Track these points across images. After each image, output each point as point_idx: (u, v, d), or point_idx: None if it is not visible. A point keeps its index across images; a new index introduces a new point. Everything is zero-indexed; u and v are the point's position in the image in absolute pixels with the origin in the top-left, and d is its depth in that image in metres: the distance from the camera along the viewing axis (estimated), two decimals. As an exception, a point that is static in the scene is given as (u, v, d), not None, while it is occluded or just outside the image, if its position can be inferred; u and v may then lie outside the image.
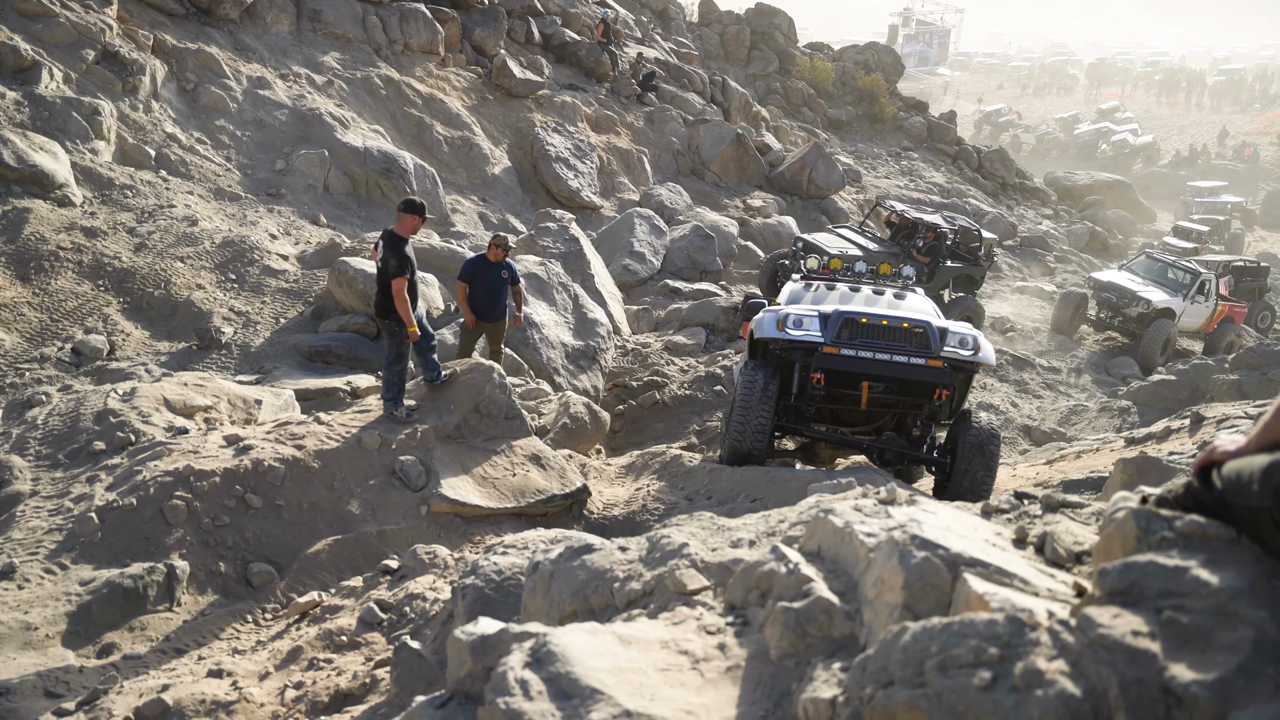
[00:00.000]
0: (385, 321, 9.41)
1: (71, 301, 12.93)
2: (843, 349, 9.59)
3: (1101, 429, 16.33)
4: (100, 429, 9.19)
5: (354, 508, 8.34)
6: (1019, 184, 40.26)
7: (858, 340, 9.65)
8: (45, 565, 7.20)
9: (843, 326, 9.73)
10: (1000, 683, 1.97)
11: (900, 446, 10.32)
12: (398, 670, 5.11)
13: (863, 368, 9.63)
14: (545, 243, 17.90)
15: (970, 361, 9.82)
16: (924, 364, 9.55)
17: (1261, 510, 2.04)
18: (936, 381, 9.67)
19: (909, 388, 9.78)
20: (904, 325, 9.74)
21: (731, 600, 3.20)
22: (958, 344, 9.75)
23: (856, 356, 9.59)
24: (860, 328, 9.75)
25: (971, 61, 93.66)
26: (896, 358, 9.57)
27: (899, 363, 9.57)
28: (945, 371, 9.61)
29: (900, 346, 9.62)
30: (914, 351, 9.58)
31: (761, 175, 29.30)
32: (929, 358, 9.56)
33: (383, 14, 24.23)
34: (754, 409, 9.68)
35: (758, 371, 9.86)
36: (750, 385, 9.76)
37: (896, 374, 9.64)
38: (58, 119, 15.53)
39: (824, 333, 9.72)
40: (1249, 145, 58.58)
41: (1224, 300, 23.98)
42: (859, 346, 9.60)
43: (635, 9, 36.49)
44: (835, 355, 9.61)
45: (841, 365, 9.63)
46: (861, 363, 9.61)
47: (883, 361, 9.61)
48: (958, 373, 9.90)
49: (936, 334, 9.69)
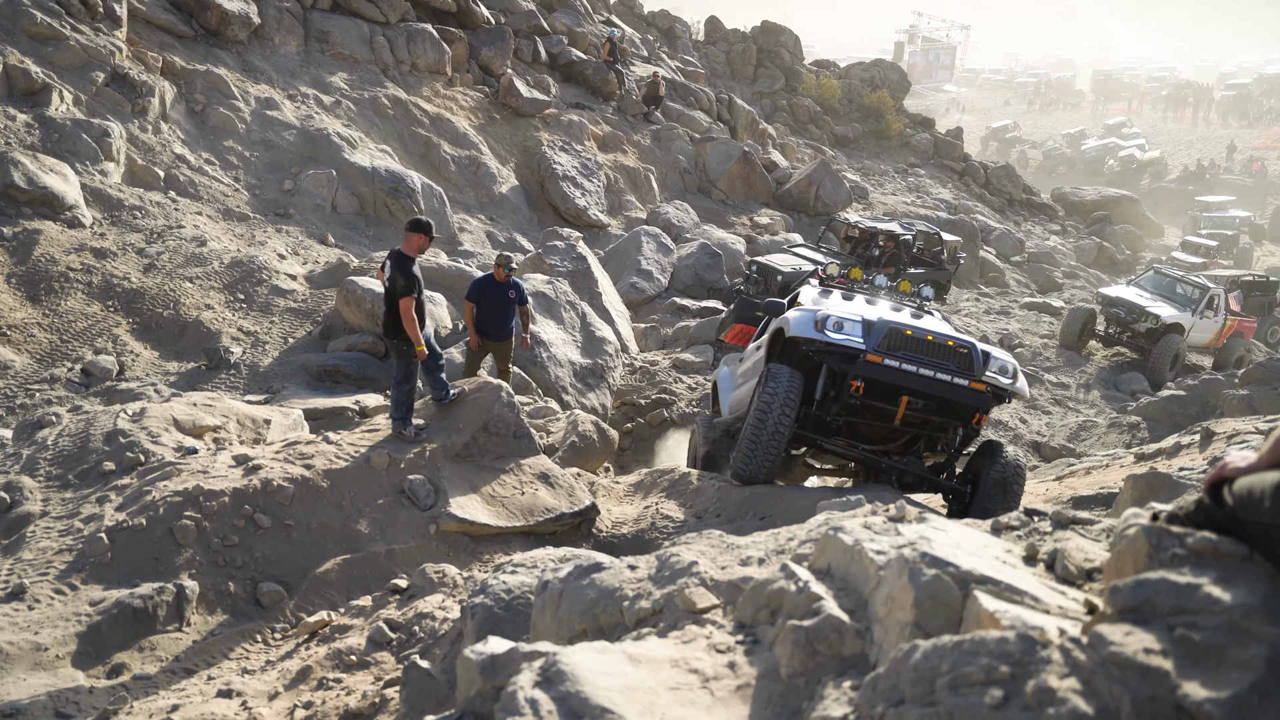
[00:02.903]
0: (393, 341, 9.42)
1: (81, 322, 12.98)
2: (886, 359, 9.10)
3: (1111, 445, 16.29)
4: (110, 449, 9.20)
5: (363, 527, 8.34)
6: (1026, 200, 40.26)
7: (899, 352, 9.16)
8: (55, 586, 7.21)
9: (886, 336, 9.24)
10: (1012, 701, 1.96)
11: (921, 470, 9.84)
12: (407, 690, 5.10)
13: (905, 381, 9.12)
14: (553, 261, 17.93)
15: (1008, 390, 9.42)
16: (967, 385, 9.11)
17: (1274, 527, 2.03)
18: (976, 405, 9.27)
19: (947, 408, 9.33)
20: (949, 344, 9.28)
21: (741, 619, 3.19)
22: (998, 370, 9.30)
23: (900, 369, 9.09)
24: (904, 339, 9.26)
25: (978, 78, 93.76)
26: (940, 375, 9.10)
27: (942, 381, 9.10)
28: (987, 396, 9.22)
29: (943, 365, 9.15)
30: (957, 371, 9.13)
31: (769, 192, 29.35)
32: (972, 380, 9.12)
33: (390, 34, 24.35)
34: (774, 415, 9.11)
35: (781, 375, 9.27)
36: (773, 389, 9.15)
37: (939, 392, 9.15)
38: (68, 141, 15.62)
39: (866, 340, 9.23)
40: (1257, 159, 58.48)
41: (1233, 315, 23.91)
42: (901, 359, 9.11)
43: (642, 28, 36.64)
44: (878, 365, 9.11)
45: (884, 376, 9.14)
46: (905, 376, 9.11)
47: (926, 378, 9.12)
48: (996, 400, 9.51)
49: (980, 356, 9.24)
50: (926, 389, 9.13)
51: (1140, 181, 54.90)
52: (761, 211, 28.23)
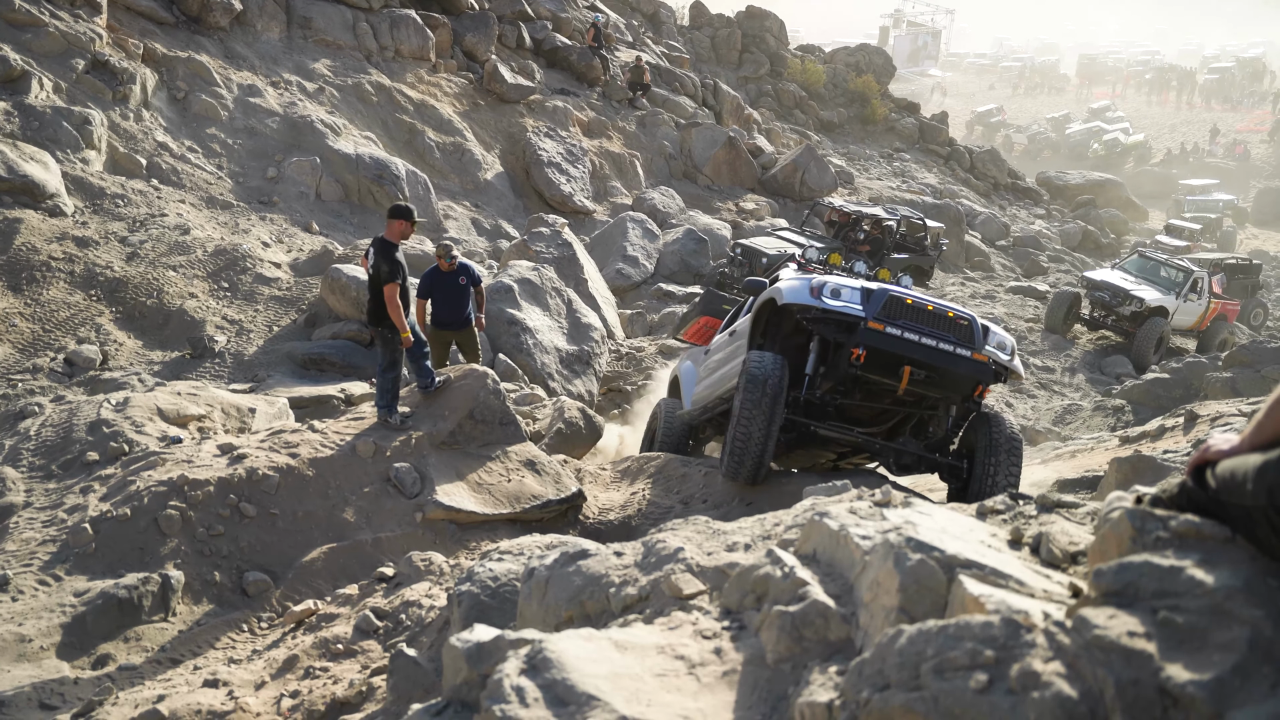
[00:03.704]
0: (378, 329, 9.39)
1: (64, 312, 12.91)
2: (888, 326, 8.63)
3: (1096, 428, 16.35)
4: (93, 439, 9.18)
5: (349, 515, 8.33)
6: (1011, 184, 40.32)
7: (900, 320, 8.72)
8: (39, 577, 7.18)
9: (886, 304, 8.79)
10: (996, 685, 1.96)
11: (919, 450, 9.36)
12: (394, 678, 5.10)
13: (909, 351, 8.65)
14: (538, 247, 17.90)
15: (1006, 367, 9.08)
16: (969, 356, 8.72)
17: (1256, 509, 2.04)
18: (979, 377, 8.89)
19: (949, 380, 8.93)
20: (949, 315, 8.91)
21: (727, 604, 3.19)
22: (997, 346, 9.00)
23: (903, 337, 8.63)
24: (904, 308, 8.82)
25: (963, 62, 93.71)
26: (942, 345, 8.68)
27: (945, 351, 8.67)
28: (989, 368, 8.84)
29: (944, 335, 8.74)
30: (958, 342, 8.74)
31: (754, 178, 29.32)
32: (974, 351, 8.76)
33: (373, 20, 24.22)
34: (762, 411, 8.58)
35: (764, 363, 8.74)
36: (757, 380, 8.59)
37: (943, 363, 8.70)
38: (48, 129, 15.51)
39: (865, 307, 8.77)
40: (1239, 143, 58.65)
41: (1217, 298, 24.01)
42: (903, 328, 8.67)
43: (626, 13, 36.50)
44: (881, 333, 8.63)
45: (887, 345, 8.64)
46: (908, 345, 8.65)
47: (929, 347, 8.67)
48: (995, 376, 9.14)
49: (980, 329, 8.89)
50: (930, 359, 8.70)
51: (1124, 165, 55.00)
52: (747, 197, 28.21)
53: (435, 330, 11.28)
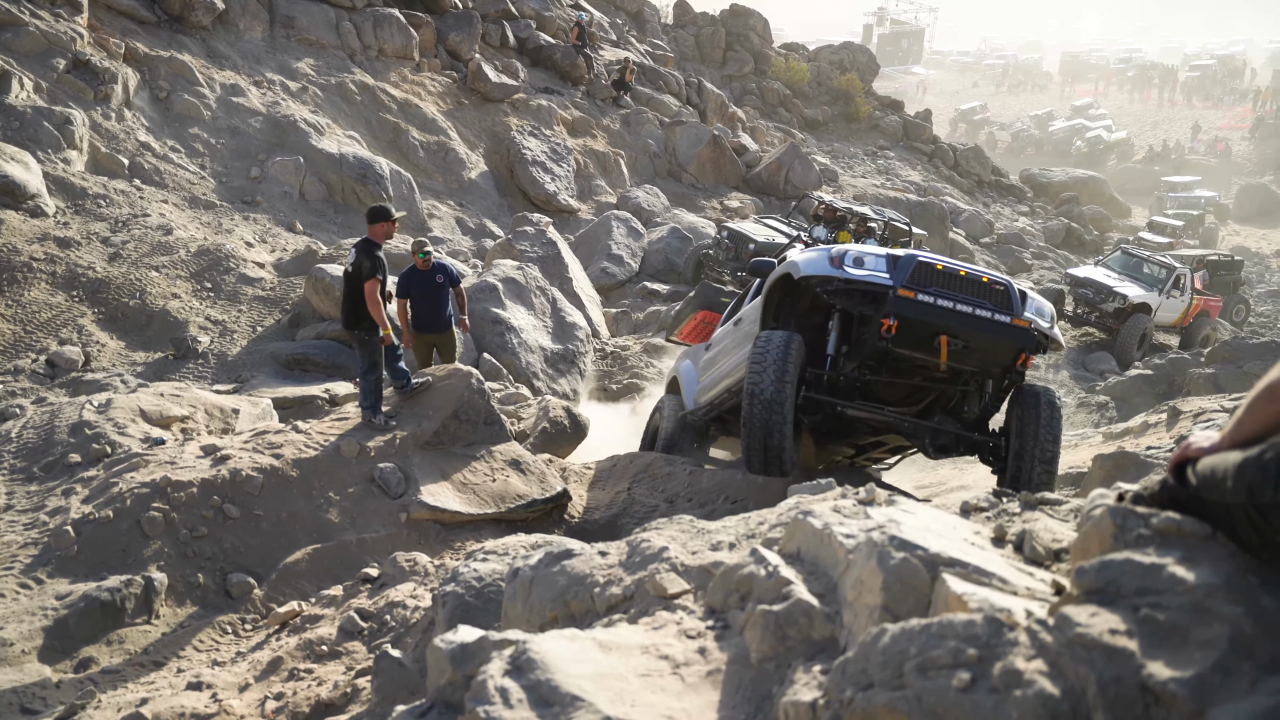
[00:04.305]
0: (355, 331, 9.31)
1: (45, 313, 12.84)
2: (919, 294, 7.93)
3: (1080, 424, 16.41)
4: (75, 441, 9.13)
5: (333, 516, 8.30)
6: (995, 181, 40.45)
7: (932, 288, 8.00)
8: (20, 580, 7.14)
9: (915, 270, 8.08)
10: (979, 683, 1.96)
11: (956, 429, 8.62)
12: (379, 679, 5.08)
13: (944, 319, 7.94)
14: (523, 246, 17.88)
15: (1046, 335, 8.35)
16: (1009, 323, 8.01)
17: (1236, 506, 2.04)
18: (1022, 345, 8.13)
19: (991, 349, 8.21)
20: (983, 280, 8.20)
21: (712, 603, 3.19)
22: (1036, 312, 8.29)
23: (937, 304, 7.93)
24: (935, 274, 8.10)
25: (946, 60, 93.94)
26: (980, 312, 7.96)
27: (983, 318, 7.96)
28: (1031, 335, 8.10)
29: (980, 301, 8.03)
30: (997, 308, 8.03)
31: (738, 176, 29.34)
32: (1014, 317, 8.05)
33: (356, 19, 24.15)
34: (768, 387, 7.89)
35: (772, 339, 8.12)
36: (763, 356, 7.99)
37: (984, 330, 7.99)
38: (29, 129, 15.42)
39: (893, 275, 8.07)
40: (1221, 140, 58.93)
41: (1199, 294, 24.15)
42: (938, 293, 7.97)
43: (610, 11, 36.48)
44: (912, 300, 7.92)
45: (920, 313, 7.93)
46: (944, 313, 7.94)
47: (966, 315, 7.95)
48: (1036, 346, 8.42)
49: (1017, 295, 8.18)
50: (969, 327, 7.99)
51: (1107, 162, 55.23)
52: (731, 195, 28.23)
53: (415, 333, 11.08)
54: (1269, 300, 31.08)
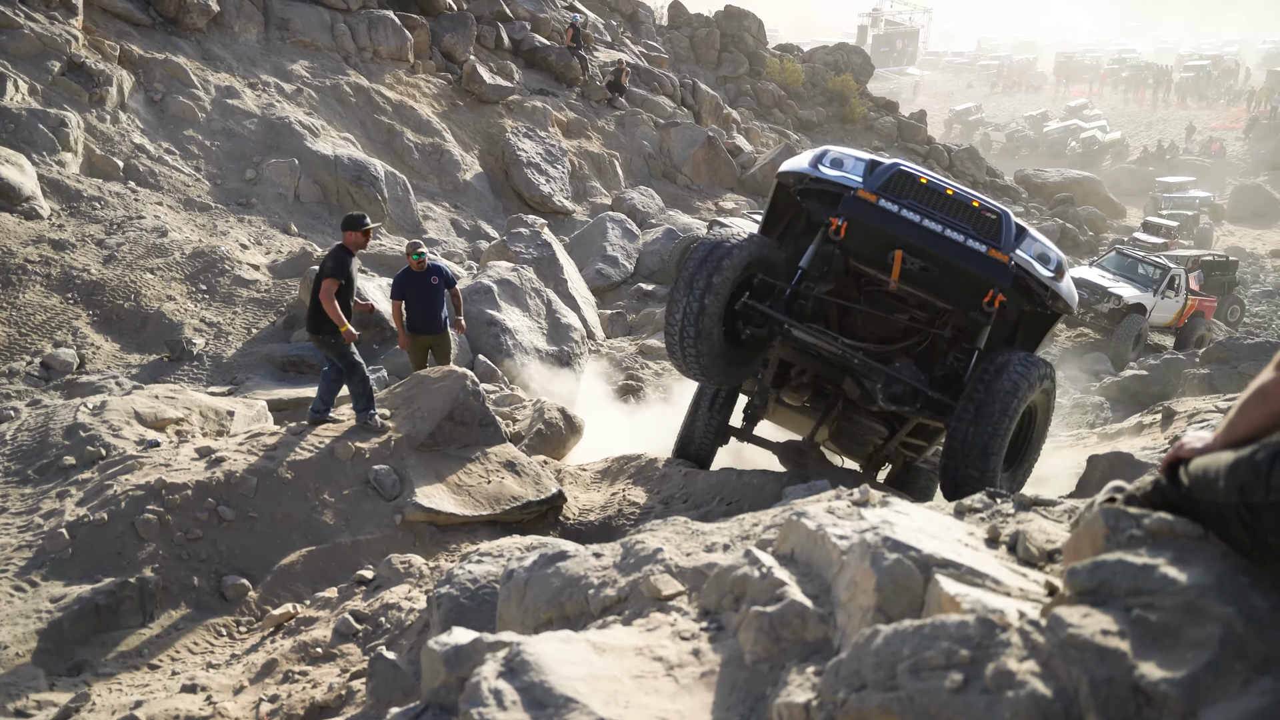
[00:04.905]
0: (319, 337, 9.27)
1: (40, 315, 12.82)
2: (883, 200, 7.25)
3: (1075, 425, 16.42)
4: (70, 443, 9.11)
5: (328, 518, 8.29)
6: (990, 182, 40.49)
7: (905, 199, 7.28)
8: (15, 583, 7.13)
9: (892, 179, 7.38)
10: (972, 684, 1.97)
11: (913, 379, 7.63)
12: (373, 682, 5.08)
13: (901, 230, 7.20)
14: (517, 248, 17.87)
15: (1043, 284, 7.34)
16: (983, 251, 7.14)
17: (1228, 507, 2.05)
18: (991, 279, 7.19)
19: (954, 279, 7.37)
20: (973, 204, 7.32)
21: (706, 605, 3.19)
22: (1036, 256, 7.34)
23: (897, 214, 7.20)
24: (915, 187, 7.35)
25: (941, 61, 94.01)
26: (950, 232, 7.16)
27: (949, 239, 7.15)
28: (1007, 270, 7.15)
29: (960, 225, 7.22)
30: (975, 235, 7.19)
31: (733, 177, 29.35)
32: (993, 248, 7.16)
33: (351, 21, 24.13)
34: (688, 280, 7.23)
35: (702, 244, 7.48)
36: (695, 251, 7.38)
37: (948, 253, 7.17)
38: (24, 131, 15.39)
39: (866, 180, 7.39)
40: (1215, 140, 58.98)
41: (1194, 295, 24.20)
42: (907, 205, 7.24)
43: (604, 13, 36.49)
44: (870, 204, 7.24)
45: (873, 218, 7.25)
46: (901, 224, 7.19)
47: (930, 231, 7.16)
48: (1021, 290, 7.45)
49: (1012, 229, 7.25)
50: (929, 245, 7.19)
51: (1102, 163, 55.30)
52: (726, 196, 28.23)
53: (410, 335, 11.12)
54: (1263, 300, 31.13)
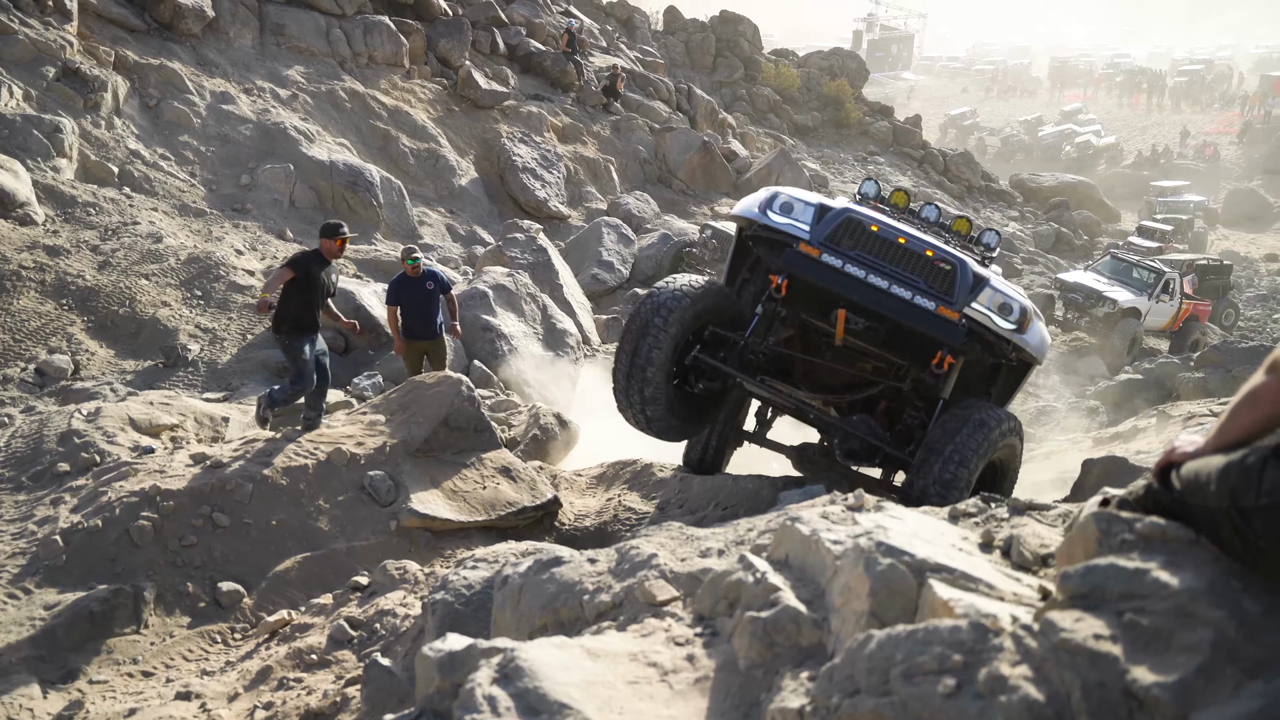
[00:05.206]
0: (277, 335, 9.48)
1: (34, 321, 12.80)
2: (826, 254, 6.82)
3: (1070, 429, 16.44)
4: (64, 450, 9.10)
5: (323, 524, 8.28)
6: (985, 186, 40.53)
7: (852, 251, 6.85)
8: (8, 590, 7.11)
9: (840, 227, 6.96)
10: (965, 689, 1.97)
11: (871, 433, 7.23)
12: (368, 688, 5.07)
13: (843, 287, 6.79)
14: (513, 253, 17.87)
15: (1001, 337, 6.85)
16: (932, 310, 6.71)
17: (1219, 510, 2.05)
18: (940, 339, 6.80)
19: (900, 339, 7.00)
20: (927, 254, 6.86)
21: (700, 610, 3.19)
22: (995, 307, 6.79)
23: (840, 270, 6.77)
24: (865, 236, 6.90)
25: (935, 65, 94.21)
26: (896, 289, 6.74)
27: (895, 296, 6.72)
28: (957, 329, 6.73)
29: (908, 278, 6.80)
30: (924, 290, 6.76)
31: (729, 182, 29.37)
32: (943, 304, 6.72)
33: (346, 27, 24.13)
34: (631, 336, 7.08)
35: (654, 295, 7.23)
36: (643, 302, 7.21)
37: (888, 310, 6.76)
38: (18, 137, 15.37)
39: (813, 229, 6.96)
40: (1209, 145, 59.14)
41: (1188, 299, 24.25)
42: (851, 259, 6.81)
43: (600, 18, 36.52)
44: (811, 260, 6.83)
45: (813, 274, 6.85)
46: (844, 280, 6.77)
47: (875, 288, 6.74)
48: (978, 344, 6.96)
49: (968, 280, 6.77)
50: (875, 304, 6.77)
51: (1096, 167, 55.41)
52: (722, 201, 28.23)
53: (406, 341, 11.23)
54: (1258, 304, 31.19)
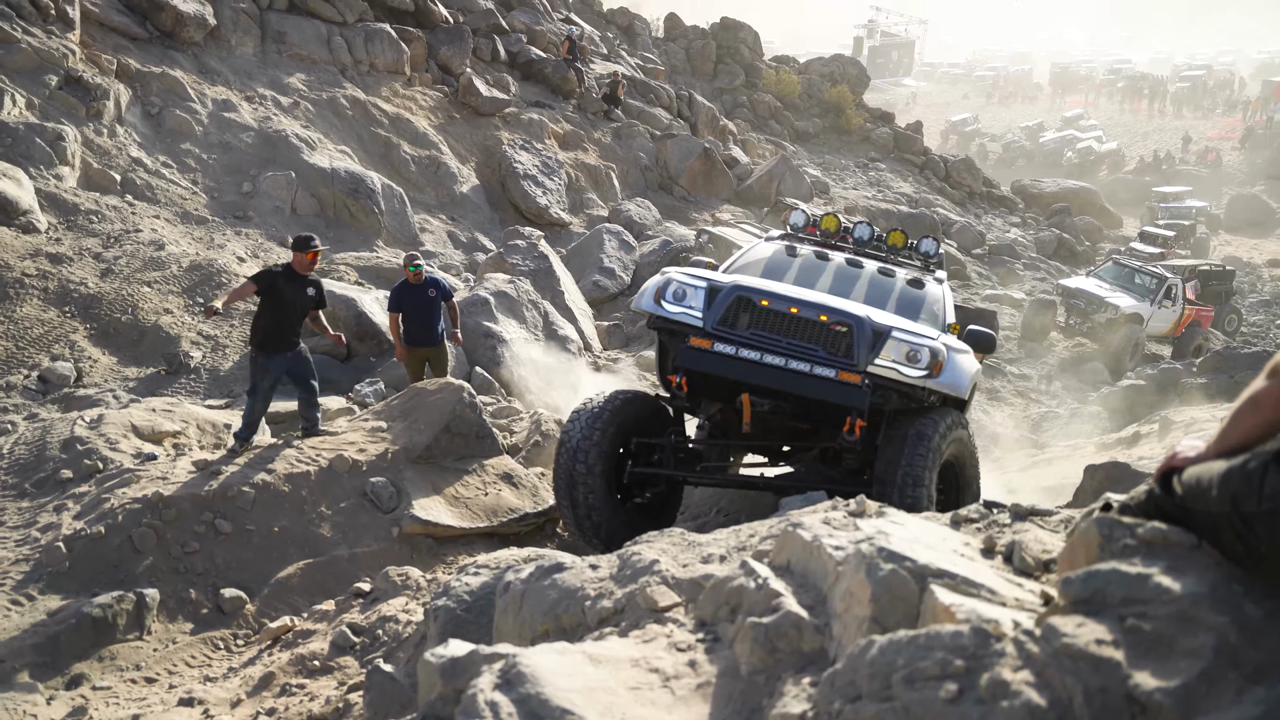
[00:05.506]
0: (250, 349, 9.60)
1: (38, 329, 12.81)
2: (718, 343, 6.79)
3: (1073, 435, 16.43)
4: (67, 457, 9.11)
5: (325, 530, 8.29)
6: (986, 192, 40.51)
7: (749, 332, 6.82)
8: (12, 596, 7.12)
9: (733, 308, 6.89)
10: (966, 694, 1.97)
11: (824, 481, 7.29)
12: (371, 694, 5.07)
13: (742, 374, 6.77)
14: (514, 260, 17.88)
15: (911, 385, 6.79)
16: (832, 378, 6.69)
17: (1221, 515, 2.05)
18: (846, 406, 6.75)
19: (809, 411, 6.97)
20: (821, 319, 6.78)
21: (702, 616, 3.19)
22: (903, 357, 6.73)
23: (734, 357, 6.74)
24: (759, 313, 6.86)
25: (936, 72, 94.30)
26: (794, 365, 6.70)
27: (795, 373, 6.69)
28: (860, 393, 6.70)
29: (806, 349, 6.75)
30: (823, 359, 6.72)
31: (730, 189, 29.38)
32: (843, 369, 6.69)
33: (347, 34, 24.17)
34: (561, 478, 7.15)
35: (575, 422, 7.28)
36: (560, 442, 7.27)
37: (789, 387, 6.74)
38: (21, 145, 15.40)
39: (706, 314, 6.90)
40: (1211, 150, 59.10)
41: (1191, 304, 24.23)
42: (745, 341, 6.78)
43: (601, 25, 36.57)
44: (705, 352, 6.80)
45: (710, 367, 6.83)
46: (740, 367, 6.75)
47: (771, 369, 6.71)
48: (893, 394, 6.93)
49: (867, 337, 6.71)
50: (774, 384, 6.76)
51: (1098, 173, 55.39)
52: (723, 208, 28.25)
53: (408, 348, 11.27)
54: (1261, 310, 31.17)
